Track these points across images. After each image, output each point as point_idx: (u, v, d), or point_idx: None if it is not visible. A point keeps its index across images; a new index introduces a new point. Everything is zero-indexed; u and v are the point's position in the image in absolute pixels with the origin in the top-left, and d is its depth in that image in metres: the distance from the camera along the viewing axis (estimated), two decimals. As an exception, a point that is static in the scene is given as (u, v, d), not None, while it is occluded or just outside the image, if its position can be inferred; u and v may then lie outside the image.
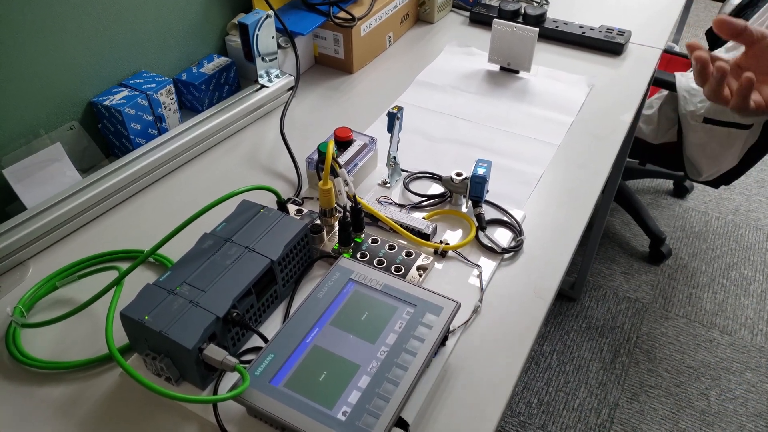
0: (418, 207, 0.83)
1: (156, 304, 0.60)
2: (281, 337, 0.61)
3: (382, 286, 0.66)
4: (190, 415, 0.60)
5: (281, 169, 0.91)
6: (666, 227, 1.95)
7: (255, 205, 0.72)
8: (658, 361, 1.57)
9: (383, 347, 0.60)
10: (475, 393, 0.62)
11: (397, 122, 0.81)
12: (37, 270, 0.75)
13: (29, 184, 0.79)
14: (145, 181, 0.87)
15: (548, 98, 1.06)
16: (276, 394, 0.56)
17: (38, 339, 0.66)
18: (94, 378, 0.63)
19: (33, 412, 0.60)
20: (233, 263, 0.65)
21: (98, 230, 0.81)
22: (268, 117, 1.03)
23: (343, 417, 0.54)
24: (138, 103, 0.87)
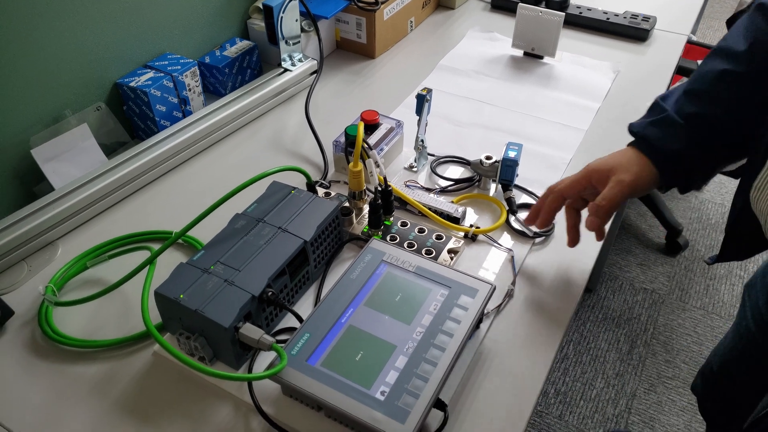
0: (445, 191, 0.83)
1: (190, 283, 0.60)
2: (316, 317, 0.60)
3: (415, 268, 0.66)
4: (224, 395, 0.59)
5: (306, 153, 0.91)
6: (683, 218, 1.94)
7: (285, 187, 0.72)
8: (676, 353, 1.57)
9: (419, 328, 0.60)
10: (511, 376, 0.61)
11: (426, 104, 0.80)
12: (65, 250, 0.75)
13: (56, 164, 0.78)
14: (170, 164, 0.86)
15: (574, 84, 1.05)
16: (313, 373, 0.55)
17: (70, 318, 0.66)
18: (127, 357, 0.63)
19: (68, 389, 0.60)
20: (267, 243, 0.64)
21: (124, 212, 0.81)
22: (291, 101, 1.02)
23: (382, 396, 0.54)
24: (163, 85, 0.87)
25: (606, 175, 0.65)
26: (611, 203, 0.63)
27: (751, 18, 0.63)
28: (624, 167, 0.64)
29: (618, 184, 0.63)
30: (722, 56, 0.63)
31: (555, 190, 0.68)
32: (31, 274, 0.71)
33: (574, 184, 0.67)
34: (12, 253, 0.72)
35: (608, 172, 0.65)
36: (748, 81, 0.61)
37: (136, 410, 0.58)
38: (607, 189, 0.64)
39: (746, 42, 0.61)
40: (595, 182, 0.66)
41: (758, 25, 0.61)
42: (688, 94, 0.64)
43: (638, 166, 0.64)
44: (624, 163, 0.64)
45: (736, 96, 0.62)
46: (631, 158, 0.65)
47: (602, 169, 0.65)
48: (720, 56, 0.63)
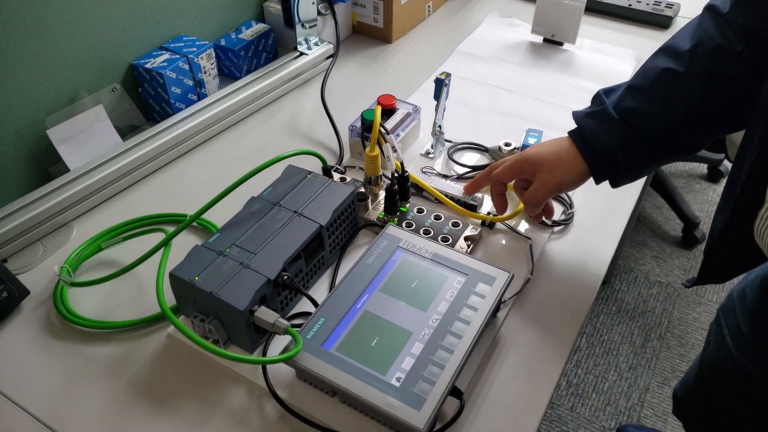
0: (462, 178, 0.81)
1: (205, 266, 0.59)
2: (331, 302, 0.59)
3: (432, 255, 0.65)
4: (238, 378, 0.59)
5: (321, 138, 0.90)
6: (699, 212, 1.91)
7: (301, 171, 0.71)
8: (690, 347, 1.55)
9: (435, 315, 0.59)
10: (528, 366, 0.60)
11: (444, 89, 0.79)
12: (80, 231, 0.75)
13: (72, 145, 0.78)
14: (185, 147, 0.86)
15: (594, 71, 1.03)
16: (328, 357, 0.55)
17: (84, 299, 0.66)
18: (142, 339, 0.63)
19: (82, 369, 0.60)
20: (282, 227, 0.64)
21: (139, 194, 0.80)
22: (307, 85, 1.01)
23: (397, 383, 0.53)
24: (179, 67, 0.86)
25: (534, 167, 0.66)
26: (537, 201, 0.67)
27: (700, 18, 0.61)
28: (552, 164, 0.65)
29: (542, 186, 0.65)
30: (667, 54, 0.62)
31: (493, 176, 0.70)
32: (47, 255, 0.71)
33: (507, 172, 0.69)
34: (27, 234, 0.72)
35: (536, 165, 0.66)
36: (685, 81, 0.60)
37: (149, 392, 0.58)
38: (533, 188, 0.66)
39: (691, 42, 0.60)
40: (526, 173, 0.67)
41: (705, 26, 0.60)
42: (630, 89, 0.63)
43: (567, 163, 0.65)
44: (554, 158, 0.65)
45: (672, 95, 0.61)
46: (563, 151, 0.65)
47: (531, 161, 0.66)
48: (665, 54, 0.62)
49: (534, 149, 0.67)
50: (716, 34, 0.58)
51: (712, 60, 0.58)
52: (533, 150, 0.67)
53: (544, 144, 0.68)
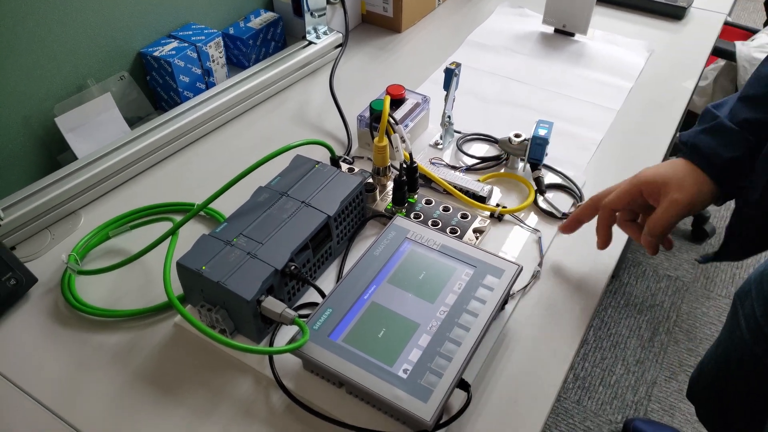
0: (471, 169, 0.81)
1: (213, 255, 0.59)
2: (339, 293, 0.59)
3: (440, 246, 0.64)
4: (245, 368, 0.59)
5: (330, 128, 0.89)
6: (710, 206, 1.89)
7: (309, 161, 0.71)
8: (699, 341, 1.54)
9: (443, 307, 0.58)
10: (536, 358, 0.60)
11: (454, 79, 0.78)
12: (88, 220, 0.75)
13: (80, 133, 0.78)
14: (192, 135, 0.86)
15: (606, 62, 1.02)
16: (335, 348, 0.55)
17: (92, 287, 0.66)
18: (149, 327, 0.63)
19: (89, 358, 0.60)
20: (290, 217, 0.63)
21: (147, 183, 0.80)
22: (315, 75, 1.00)
23: (404, 374, 0.53)
24: (187, 55, 0.86)
25: (658, 188, 0.60)
26: (666, 225, 0.59)
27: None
28: (678, 183, 0.59)
29: (673, 205, 0.58)
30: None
31: (604, 205, 0.63)
32: (54, 243, 0.71)
33: (623, 196, 0.62)
34: (36, 221, 0.72)
35: (662, 186, 0.59)
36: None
37: (156, 381, 0.58)
38: (662, 210, 0.59)
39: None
40: (646, 195, 0.61)
41: None
42: (743, 100, 0.59)
43: (694, 182, 0.59)
44: (679, 177, 0.59)
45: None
46: (686, 171, 0.59)
47: (655, 181, 0.60)
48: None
49: (651, 170, 0.61)
50: None
51: None
52: (651, 171, 0.61)
53: (659, 166, 0.61)
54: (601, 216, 0.64)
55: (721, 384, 0.73)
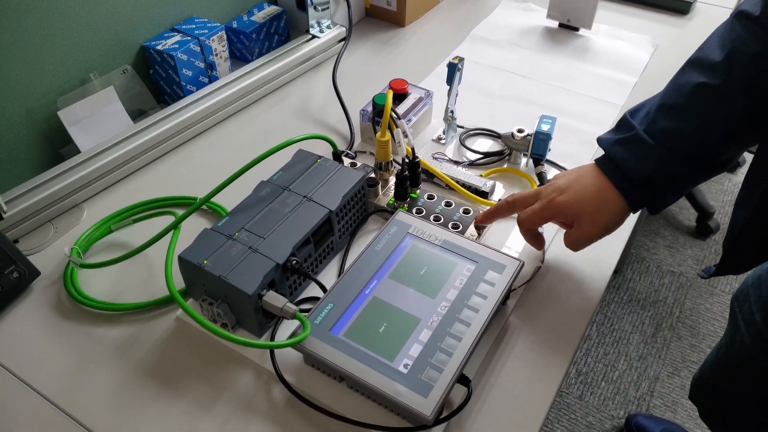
0: (474, 164, 0.81)
1: (214, 249, 0.59)
2: (340, 288, 0.59)
3: (441, 242, 0.64)
4: (246, 362, 0.59)
5: (332, 122, 0.89)
6: (714, 201, 1.89)
7: (311, 155, 0.71)
8: (702, 337, 1.53)
9: (444, 302, 0.58)
10: (537, 354, 0.60)
11: (457, 73, 0.78)
12: (91, 213, 0.75)
13: (83, 126, 0.78)
14: (195, 129, 0.86)
15: (610, 57, 1.02)
16: (336, 343, 0.55)
17: (94, 280, 0.66)
18: (151, 321, 0.63)
19: (91, 351, 0.60)
20: (292, 212, 0.63)
21: (150, 176, 0.80)
22: (319, 69, 1.00)
23: (405, 369, 0.53)
24: (190, 49, 0.86)
25: (571, 218, 0.61)
26: (583, 247, 0.62)
27: (729, 25, 0.57)
28: (592, 215, 0.60)
29: (586, 236, 0.61)
30: (697, 67, 0.57)
31: (520, 222, 0.65)
32: (57, 236, 0.72)
33: (536, 219, 0.64)
34: (38, 215, 0.72)
35: (574, 217, 0.61)
36: (723, 95, 0.55)
37: (158, 374, 0.58)
38: (574, 238, 0.62)
39: (722, 52, 0.55)
40: (558, 219, 0.63)
41: (737, 33, 0.55)
42: (663, 109, 0.58)
43: (608, 210, 0.60)
44: (593, 207, 0.60)
45: (710, 112, 0.56)
46: (599, 192, 0.60)
47: (568, 212, 0.61)
48: (695, 67, 0.57)
49: (567, 195, 0.61)
50: (752, 40, 0.53)
51: (751, 70, 0.54)
52: (567, 196, 0.61)
53: (576, 184, 0.61)
54: (523, 233, 0.66)
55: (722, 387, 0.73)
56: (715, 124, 0.56)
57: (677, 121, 0.57)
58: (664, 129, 0.57)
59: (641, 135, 0.58)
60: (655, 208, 0.61)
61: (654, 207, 0.61)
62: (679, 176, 0.59)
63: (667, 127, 0.57)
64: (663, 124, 0.57)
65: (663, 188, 0.59)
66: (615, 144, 0.60)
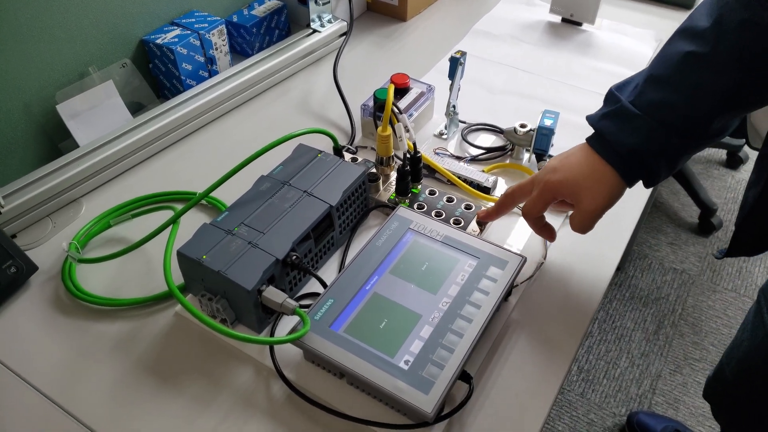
0: (476, 159, 0.80)
1: (213, 244, 0.59)
2: (340, 283, 0.59)
3: (443, 238, 0.63)
4: (245, 358, 0.59)
5: (333, 117, 0.88)
6: (717, 198, 1.88)
7: (312, 150, 0.70)
8: (704, 335, 1.53)
9: (445, 298, 0.58)
10: (539, 351, 0.59)
11: (459, 68, 0.77)
12: (90, 208, 0.74)
13: (81, 121, 0.77)
14: (195, 124, 0.85)
15: (614, 52, 1.01)
16: (336, 339, 0.54)
17: (93, 276, 0.66)
18: (150, 317, 0.62)
19: (90, 346, 0.60)
20: (292, 207, 0.63)
21: (149, 171, 0.80)
22: (319, 63, 0.99)
23: (406, 366, 0.52)
24: (190, 43, 0.85)
25: (569, 194, 0.59)
26: (588, 227, 0.60)
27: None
28: (589, 190, 0.58)
29: (588, 214, 0.59)
30: (686, 36, 0.56)
31: (525, 214, 0.63)
32: (56, 231, 0.71)
33: (538, 204, 0.62)
34: (37, 209, 0.71)
35: (572, 193, 0.59)
36: (712, 63, 0.54)
37: (157, 370, 0.58)
38: (579, 217, 0.59)
39: (710, 19, 0.54)
40: (559, 197, 0.61)
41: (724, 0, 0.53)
42: (650, 80, 0.57)
43: (603, 185, 0.58)
44: (588, 182, 0.58)
45: (699, 81, 0.54)
46: (592, 168, 0.58)
47: (565, 188, 0.59)
48: (683, 36, 0.56)
49: (560, 173, 0.60)
50: (738, 6, 0.52)
51: (739, 36, 0.53)
52: (560, 175, 0.59)
53: (567, 161, 0.60)
54: (530, 224, 0.65)
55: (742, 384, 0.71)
56: (704, 93, 0.55)
57: (665, 92, 0.56)
58: (652, 100, 0.56)
59: (627, 107, 0.57)
60: (649, 181, 0.60)
61: (648, 180, 0.60)
62: (670, 148, 0.57)
63: (654, 98, 0.56)
64: (650, 96, 0.56)
65: (654, 161, 0.58)
66: (601, 118, 0.59)
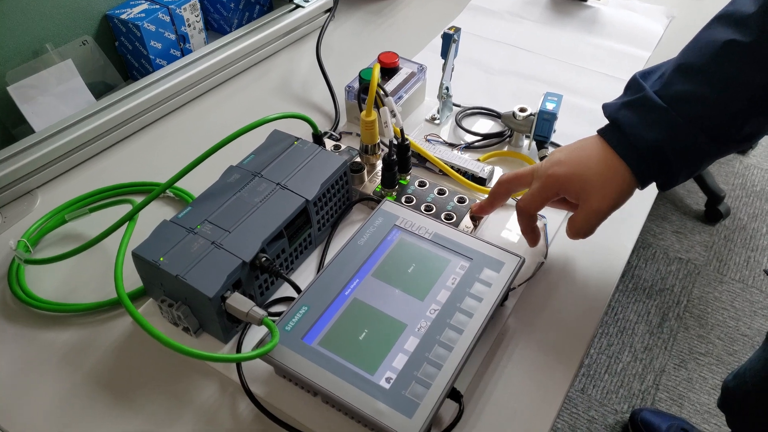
0: (471, 147, 0.73)
1: (173, 244, 0.52)
2: (316, 288, 0.52)
3: (432, 235, 0.57)
4: (210, 372, 0.53)
5: (316, 100, 0.82)
6: (725, 184, 1.81)
7: (288, 137, 0.63)
8: (710, 327, 1.47)
9: (434, 305, 0.51)
10: (538, 362, 0.53)
11: (453, 45, 0.70)
12: (45, 201, 0.68)
13: (37, 104, 0.71)
14: (165, 108, 0.78)
15: (621, 30, 0.94)
16: (309, 353, 0.48)
17: (45, 277, 0.60)
18: (105, 323, 0.56)
19: (37, 357, 0.54)
20: (262, 201, 0.56)
21: (113, 160, 0.74)
22: (303, 41, 0.93)
23: (387, 384, 0.46)
24: (158, 18, 0.78)
25: (576, 191, 0.54)
26: (590, 231, 0.54)
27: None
28: (599, 188, 0.53)
29: (594, 214, 0.53)
30: (727, 23, 0.50)
31: (520, 210, 0.57)
32: (6, 226, 0.65)
33: (538, 200, 0.56)
34: (-14, 202, 0.65)
35: (580, 190, 0.53)
36: (755, 55, 0.48)
37: (111, 385, 0.52)
38: (583, 217, 0.54)
39: (757, 4, 0.48)
40: (562, 193, 0.55)
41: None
42: (681, 69, 0.51)
43: (616, 181, 0.52)
44: (598, 180, 0.53)
45: (736, 74, 0.48)
46: (604, 164, 0.53)
47: (573, 184, 0.54)
48: (724, 23, 0.50)
49: (567, 167, 0.54)
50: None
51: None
52: (567, 168, 0.54)
53: (575, 154, 0.54)
54: (522, 222, 0.58)
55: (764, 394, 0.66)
56: (741, 89, 0.49)
57: (696, 84, 0.50)
58: (680, 92, 0.50)
59: (651, 97, 0.51)
60: (666, 183, 0.54)
61: (664, 182, 0.54)
62: (694, 148, 0.51)
63: (683, 90, 0.50)
64: (679, 87, 0.50)
65: (675, 161, 0.52)
66: (621, 108, 0.53)
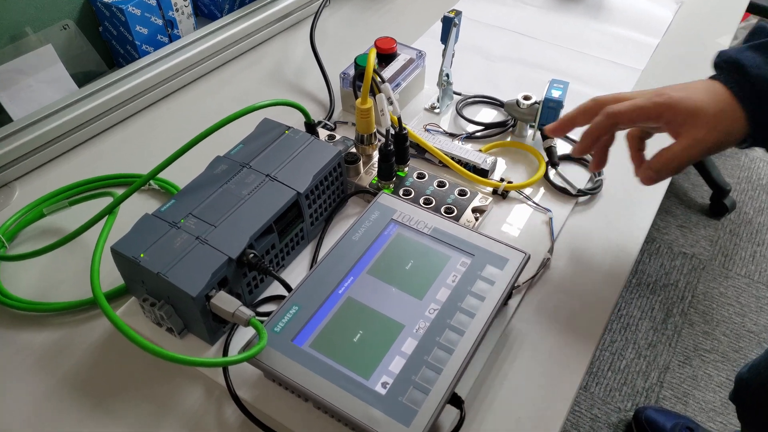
0: (473, 137, 0.70)
1: (155, 240, 0.49)
2: (308, 286, 0.49)
3: (431, 230, 0.54)
4: (196, 375, 0.50)
5: (310, 88, 0.78)
6: (730, 178, 1.78)
7: (279, 126, 0.60)
8: (715, 324, 1.44)
9: (433, 304, 0.48)
10: (544, 367, 0.50)
11: (453, 30, 0.67)
12: (23, 193, 0.65)
13: (16, 91, 0.67)
14: (151, 96, 0.75)
15: (629, 15, 0.92)
16: (299, 356, 0.45)
17: (21, 275, 0.57)
18: (84, 323, 0.53)
19: (11, 360, 0.51)
20: (251, 194, 0.53)
21: (96, 151, 0.70)
22: (297, 28, 0.90)
23: (383, 389, 0.43)
24: (144, 2, 0.74)
25: (684, 117, 0.48)
26: (683, 165, 0.48)
27: None
28: (713, 118, 0.47)
29: (698, 145, 0.47)
30: None
31: (610, 113, 0.50)
32: (-19, 220, 0.61)
33: (637, 113, 0.49)
34: (-40, 195, 0.62)
35: (690, 116, 0.47)
36: None
37: (89, 389, 0.49)
38: (682, 148, 0.48)
39: None
40: (665, 120, 0.49)
41: None
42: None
43: (731, 117, 0.47)
44: (713, 110, 0.47)
45: None
46: (721, 102, 0.47)
47: (685, 108, 0.47)
48: None
49: (679, 92, 0.48)
50: None
51: None
52: (681, 93, 0.48)
53: (687, 85, 0.49)
54: (602, 124, 0.51)
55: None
56: None
57: None
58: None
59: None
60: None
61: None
62: None
63: None
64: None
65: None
66: (747, 50, 0.48)
